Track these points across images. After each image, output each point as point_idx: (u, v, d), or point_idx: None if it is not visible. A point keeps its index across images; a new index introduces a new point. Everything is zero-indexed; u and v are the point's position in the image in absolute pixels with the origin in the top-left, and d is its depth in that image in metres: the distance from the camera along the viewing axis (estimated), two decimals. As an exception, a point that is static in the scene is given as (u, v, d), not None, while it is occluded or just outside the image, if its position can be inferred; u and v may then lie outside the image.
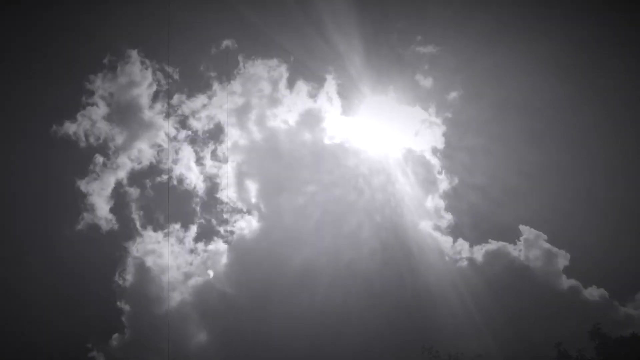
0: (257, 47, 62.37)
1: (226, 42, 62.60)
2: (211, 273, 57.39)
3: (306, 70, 61.80)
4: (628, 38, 62.00)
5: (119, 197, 61.26)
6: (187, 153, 63.62)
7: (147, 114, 63.10)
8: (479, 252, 57.81)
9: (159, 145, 62.56)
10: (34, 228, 60.49)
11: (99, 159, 61.95)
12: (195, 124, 63.65)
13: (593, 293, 55.30)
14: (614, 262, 55.86)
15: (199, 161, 63.33)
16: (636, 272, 54.37)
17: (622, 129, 62.30)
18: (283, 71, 62.28)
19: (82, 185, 61.14)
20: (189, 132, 63.36)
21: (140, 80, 62.70)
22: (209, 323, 55.17)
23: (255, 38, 62.34)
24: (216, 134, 63.72)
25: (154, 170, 62.33)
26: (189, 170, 62.90)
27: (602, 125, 62.67)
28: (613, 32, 62.60)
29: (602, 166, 62.46)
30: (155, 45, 61.75)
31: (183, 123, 63.44)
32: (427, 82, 63.53)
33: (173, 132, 63.31)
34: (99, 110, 62.98)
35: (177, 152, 63.09)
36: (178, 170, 62.88)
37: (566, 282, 55.89)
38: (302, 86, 62.06)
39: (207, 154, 63.65)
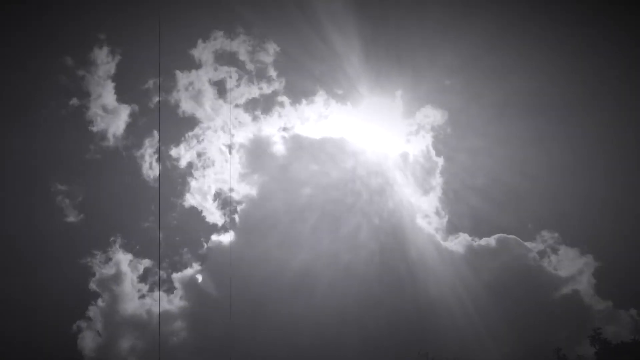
0: (253, 46, 62.12)
1: (221, 41, 62.24)
2: (199, 277, 56.38)
3: (303, 69, 61.95)
4: (632, 36, 61.74)
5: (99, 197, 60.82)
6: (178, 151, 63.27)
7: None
8: (479, 255, 57.20)
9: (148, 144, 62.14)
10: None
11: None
12: (187, 123, 63.43)
13: (595, 298, 55.05)
14: (618, 264, 55.47)
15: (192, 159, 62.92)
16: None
17: (627, 128, 61.77)
18: (279, 71, 62.27)
19: (57, 184, 60.76)
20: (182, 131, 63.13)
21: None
22: (198, 329, 54.46)
23: (252, 37, 62.02)
24: (208, 134, 63.29)
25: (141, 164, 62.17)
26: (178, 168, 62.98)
27: (607, 125, 61.97)
28: (616, 31, 62.21)
29: (606, 167, 62.25)
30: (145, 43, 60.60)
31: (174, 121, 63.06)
32: (426, 82, 63.15)
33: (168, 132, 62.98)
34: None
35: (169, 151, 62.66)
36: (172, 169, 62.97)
37: (567, 286, 55.54)
38: (298, 86, 62.33)
39: (200, 153, 63.27)
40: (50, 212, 59.80)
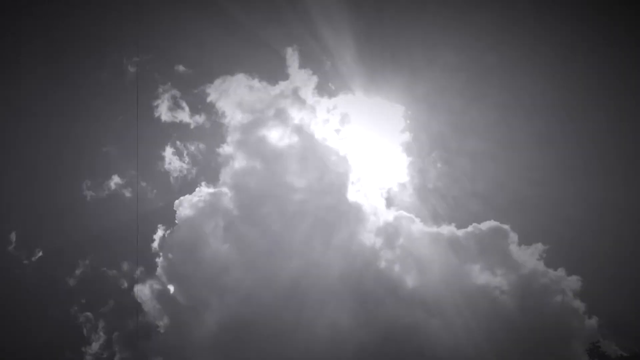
0: (241, 43, 60.47)
1: (208, 39, 61.01)
2: (171, 288, 53.38)
3: (293, 68, 59.40)
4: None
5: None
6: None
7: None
8: (480, 265, 54.67)
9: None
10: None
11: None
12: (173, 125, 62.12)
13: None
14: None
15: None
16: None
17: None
18: (268, 69, 60.17)
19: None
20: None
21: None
22: (177, 345, 51.89)
23: (239, 33, 60.37)
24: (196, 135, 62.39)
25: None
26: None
27: (618, 127, 59.72)
28: (628, 26, 59.43)
29: (619, 171, 59.70)
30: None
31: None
32: (424, 82, 61.01)
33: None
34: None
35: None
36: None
37: (572, 303, 52.69)
38: (288, 85, 59.50)
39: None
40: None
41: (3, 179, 58.52)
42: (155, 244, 55.80)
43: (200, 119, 61.38)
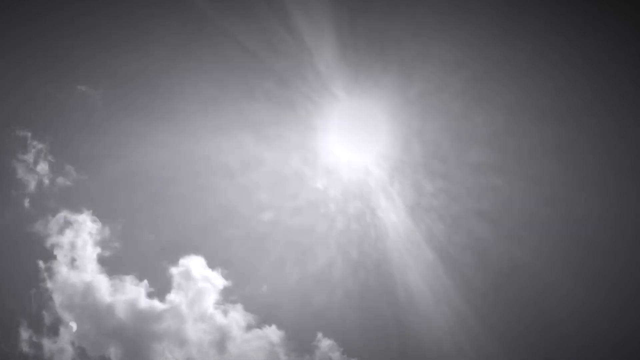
0: (203, 37, 55.98)
1: (164, 31, 55.51)
2: (74, 325, 47.17)
3: (265, 67, 55.47)
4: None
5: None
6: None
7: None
8: (485, 301, 52.20)
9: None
10: None
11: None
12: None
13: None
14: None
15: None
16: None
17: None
18: (236, 69, 55.93)
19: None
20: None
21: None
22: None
23: (203, 28, 56.18)
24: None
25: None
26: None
27: None
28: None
29: None
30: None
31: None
32: (418, 82, 56.14)
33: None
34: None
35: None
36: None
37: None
38: (259, 87, 55.45)
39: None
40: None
41: None
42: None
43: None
